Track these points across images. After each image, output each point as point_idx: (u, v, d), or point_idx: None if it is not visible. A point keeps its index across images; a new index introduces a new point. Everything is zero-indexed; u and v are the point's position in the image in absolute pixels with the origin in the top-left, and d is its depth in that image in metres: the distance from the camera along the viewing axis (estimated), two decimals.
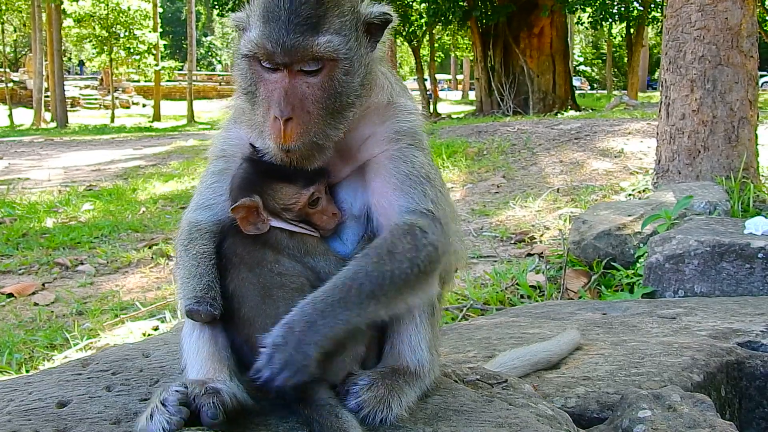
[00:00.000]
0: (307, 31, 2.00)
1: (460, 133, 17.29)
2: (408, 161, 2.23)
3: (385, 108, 2.29)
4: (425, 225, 2.14)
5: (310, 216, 2.26)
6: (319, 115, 2.08)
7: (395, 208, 2.18)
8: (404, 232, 2.11)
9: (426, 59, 40.12)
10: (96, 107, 55.46)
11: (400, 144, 2.25)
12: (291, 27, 2.00)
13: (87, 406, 2.20)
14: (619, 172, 12.07)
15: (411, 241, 2.09)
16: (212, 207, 2.31)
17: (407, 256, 2.07)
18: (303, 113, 2.05)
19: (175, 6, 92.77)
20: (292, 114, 2.03)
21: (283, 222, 2.24)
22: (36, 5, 41.66)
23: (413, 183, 2.20)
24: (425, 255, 2.10)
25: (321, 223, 2.27)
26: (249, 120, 2.23)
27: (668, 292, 5.27)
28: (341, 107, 2.12)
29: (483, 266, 7.42)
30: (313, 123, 2.08)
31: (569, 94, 29.77)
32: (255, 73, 2.11)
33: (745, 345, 3.40)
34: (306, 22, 2.00)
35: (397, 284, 2.05)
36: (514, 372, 2.89)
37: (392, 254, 2.06)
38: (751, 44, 8.02)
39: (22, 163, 20.61)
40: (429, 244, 2.11)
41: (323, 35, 2.02)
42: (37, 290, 7.55)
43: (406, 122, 2.29)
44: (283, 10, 2.01)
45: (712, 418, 2.36)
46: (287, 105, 2.03)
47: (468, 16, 29.31)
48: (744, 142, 8.01)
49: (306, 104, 2.06)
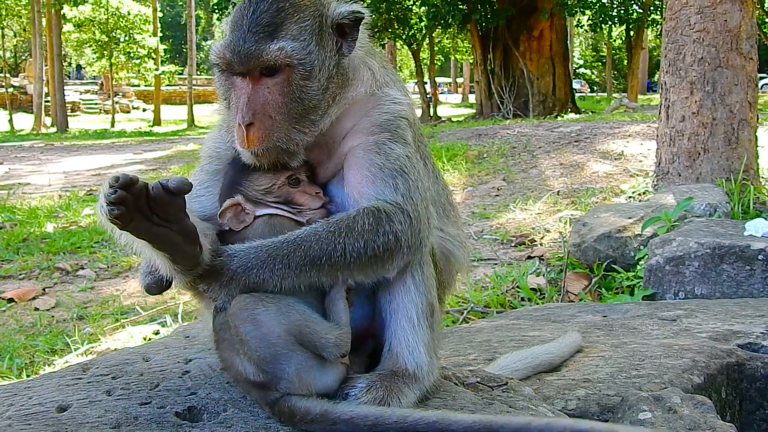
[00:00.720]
0: (262, 39, 2.08)
1: (460, 136, 17.30)
2: (382, 153, 2.23)
3: (367, 100, 2.30)
4: (391, 212, 2.15)
5: (293, 195, 2.28)
6: (282, 120, 2.14)
7: (364, 197, 2.19)
8: (368, 213, 2.13)
9: (426, 62, 40.13)
10: (96, 112, 55.51)
11: (377, 136, 2.26)
12: (248, 36, 2.08)
13: (87, 411, 2.20)
14: (620, 174, 12.07)
15: (373, 223, 2.11)
16: (203, 203, 2.33)
17: (366, 236, 2.10)
18: (265, 118, 2.12)
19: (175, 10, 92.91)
20: (253, 119, 2.11)
21: (266, 208, 2.26)
22: (36, 10, 41.70)
23: (385, 176, 2.20)
24: (384, 241, 2.12)
25: (305, 202, 2.29)
26: (227, 124, 2.31)
27: (669, 294, 5.27)
28: (304, 111, 2.17)
29: (483, 269, 7.42)
30: (275, 127, 2.13)
31: (569, 97, 29.78)
32: (225, 79, 2.20)
33: (745, 347, 3.39)
34: (263, 31, 2.08)
35: (347, 260, 2.08)
36: (515, 375, 2.89)
37: (350, 230, 2.09)
38: (750, 46, 8.03)
39: (22, 168, 20.61)
40: (390, 231, 2.13)
41: (276, 42, 2.08)
42: (37, 295, 7.54)
43: (386, 113, 2.30)
44: (245, 19, 2.09)
45: (713, 420, 2.35)
46: (248, 110, 2.11)
47: (468, 19, 29.33)
48: (744, 144, 8.02)
49: (267, 109, 2.13)
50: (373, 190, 2.19)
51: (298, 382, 2.05)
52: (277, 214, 2.26)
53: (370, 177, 2.21)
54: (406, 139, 2.31)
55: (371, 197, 2.18)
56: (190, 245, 1.97)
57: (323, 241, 2.06)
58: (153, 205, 1.84)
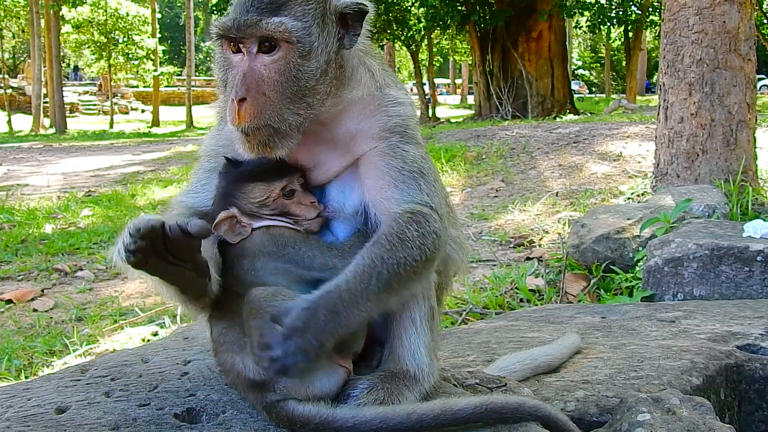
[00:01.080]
0: (263, 11, 2.06)
1: (459, 137, 17.31)
2: (399, 157, 2.23)
3: (370, 101, 2.29)
4: (427, 213, 2.17)
5: (288, 207, 2.28)
6: (275, 97, 2.11)
7: (392, 201, 2.19)
8: (410, 219, 2.13)
9: (424, 63, 40.15)
10: (95, 113, 55.52)
11: (389, 140, 2.25)
12: (251, 8, 2.07)
13: (86, 412, 2.20)
14: (618, 175, 12.08)
15: (418, 228, 2.12)
16: (201, 200, 2.36)
17: (417, 243, 2.10)
18: (258, 95, 2.09)
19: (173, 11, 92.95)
20: (246, 94, 2.07)
21: (262, 220, 2.27)
22: (34, 11, 41.67)
23: (406, 178, 2.21)
24: (431, 242, 2.13)
25: (300, 213, 2.28)
26: (223, 110, 2.27)
27: (667, 296, 5.27)
28: (299, 92, 2.13)
29: (482, 270, 7.41)
30: (268, 105, 2.10)
31: (568, 98, 29.79)
32: (223, 58, 2.19)
33: (744, 348, 3.39)
34: (267, 7, 2.07)
35: (409, 272, 2.08)
36: (514, 376, 2.89)
37: (403, 241, 2.08)
38: (749, 47, 8.03)
39: (21, 169, 20.59)
40: (433, 231, 2.15)
41: (278, 17, 2.07)
42: (36, 296, 7.53)
43: (394, 116, 2.29)
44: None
45: (712, 422, 2.35)
46: (242, 86, 2.07)
47: (466, 20, 29.34)
48: (742, 145, 8.03)
49: (262, 86, 2.10)
50: (399, 193, 2.19)
51: (299, 382, 2.04)
52: (274, 225, 2.27)
53: (391, 181, 2.20)
54: (417, 139, 2.33)
55: (399, 200, 2.19)
56: (201, 278, 2.02)
57: (387, 261, 2.04)
58: (170, 246, 1.89)
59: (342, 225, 2.33)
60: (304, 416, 2.03)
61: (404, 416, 2.01)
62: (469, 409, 2.08)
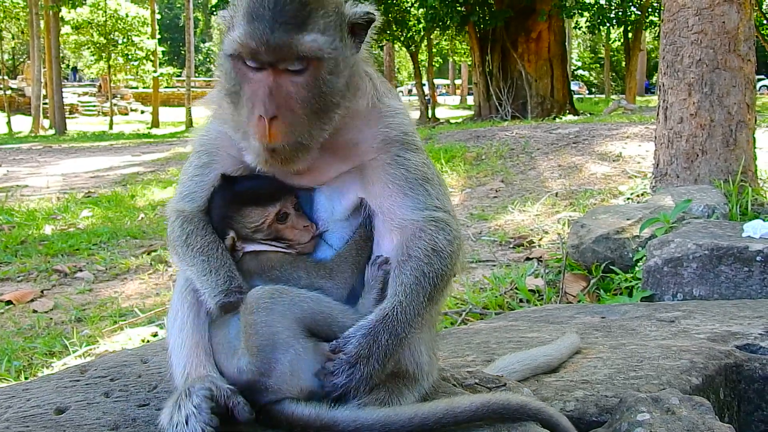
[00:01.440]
0: (292, 29, 1.98)
1: (459, 137, 17.32)
2: (402, 166, 2.24)
3: (370, 111, 2.28)
4: (447, 219, 2.23)
5: (281, 232, 2.28)
6: (304, 114, 2.07)
7: (405, 209, 2.21)
8: (436, 228, 2.19)
9: (424, 64, 40.13)
10: (94, 114, 55.49)
11: (391, 151, 2.25)
12: (276, 25, 1.97)
13: (85, 413, 2.20)
14: (618, 176, 12.08)
15: (446, 237, 2.19)
16: (196, 199, 2.34)
17: (447, 251, 2.17)
18: (288, 112, 2.04)
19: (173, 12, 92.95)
20: (277, 113, 2.01)
21: (256, 244, 2.28)
22: (34, 12, 41.66)
23: (414, 185, 2.23)
24: (457, 246, 2.22)
25: (294, 237, 2.29)
26: (233, 121, 2.19)
27: (667, 296, 5.27)
28: (326, 107, 2.11)
29: (482, 271, 7.41)
30: (298, 122, 2.06)
31: (567, 99, 29.79)
32: (239, 72, 2.08)
33: (743, 348, 3.39)
34: (291, 21, 1.99)
35: (446, 280, 2.18)
36: (514, 376, 2.89)
37: (437, 252, 2.15)
38: (748, 48, 8.04)
39: (20, 170, 20.59)
40: (457, 237, 2.23)
41: (308, 34, 2.00)
42: (35, 297, 7.53)
43: (395, 127, 2.29)
44: (267, 9, 1.99)
45: (711, 421, 2.35)
46: (272, 104, 2.01)
47: (466, 21, 29.34)
48: (742, 145, 8.03)
49: (291, 103, 2.04)
50: (410, 201, 2.22)
51: (290, 377, 2.04)
52: (264, 250, 2.28)
53: (399, 190, 2.22)
54: (417, 146, 2.32)
55: (413, 208, 2.21)
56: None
57: (429, 275, 2.12)
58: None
59: (332, 231, 2.33)
60: (303, 419, 2.02)
61: (407, 419, 2.01)
62: (472, 411, 2.08)
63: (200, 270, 2.20)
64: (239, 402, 2.03)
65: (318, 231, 2.31)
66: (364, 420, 2.00)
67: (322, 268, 2.25)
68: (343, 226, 2.31)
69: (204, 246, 2.24)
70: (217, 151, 2.34)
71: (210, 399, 2.01)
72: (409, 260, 2.14)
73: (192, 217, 2.31)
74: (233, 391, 2.05)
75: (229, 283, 2.14)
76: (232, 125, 2.20)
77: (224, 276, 2.16)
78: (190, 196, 2.35)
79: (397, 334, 2.04)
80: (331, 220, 2.32)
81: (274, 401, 2.05)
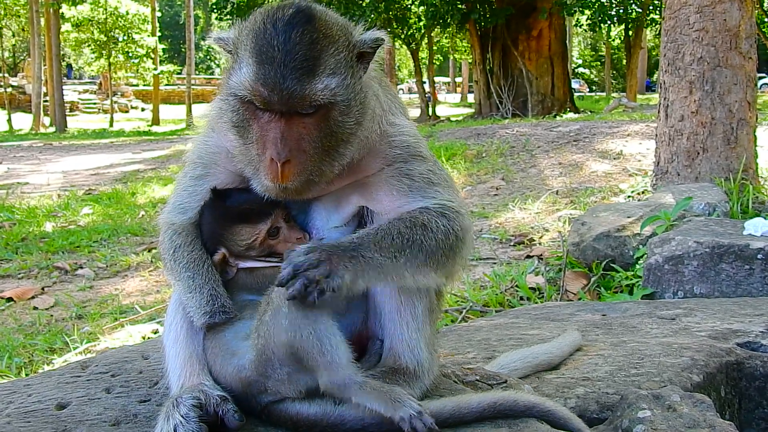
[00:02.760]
0: (303, 76, 1.96)
1: (459, 135, 17.31)
2: (407, 176, 2.25)
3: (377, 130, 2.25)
4: (456, 207, 2.24)
5: (274, 247, 2.29)
6: (316, 154, 2.06)
7: (412, 205, 2.22)
8: (438, 213, 2.20)
9: (425, 62, 40.09)
10: (95, 111, 55.45)
11: (395, 165, 2.26)
12: (287, 72, 1.94)
13: (86, 408, 2.20)
14: (618, 173, 12.08)
15: (446, 223, 2.18)
16: (187, 211, 2.33)
17: (442, 229, 2.17)
18: (300, 153, 2.03)
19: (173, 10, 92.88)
20: (289, 156, 2.01)
21: (249, 261, 2.29)
22: (34, 10, 41.62)
23: (420, 188, 2.24)
24: (459, 232, 2.21)
25: (287, 251, 2.28)
26: (241, 153, 2.16)
27: (668, 294, 5.27)
28: (337, 145, 2.10)
29: (482, 268, 7.42)
30: (309, 162, 2.06)
31: (568, 97, 29.79)
32: (248, 111, 2.05)
33: (744, 345, 3.40)
34: (302, 66, 1.96)
35: (427, 251, 2.13)
36: (514, 373, 2.89)
37: (426, 227, 2.15)
38: (749, 45, 8.03)
39: (21, 167, 20.59)
40: (463, 228, 2.23)
41: (320, 79, 1.98)
42: (36, 294, 7.54)
43: (397, 144, 2.28)
44: (277, 52, 1.95)
45: (712, 418, 2.35)
46: (284, 147, 2.00)
47: (466, 18, 29.33)
48: (743, 143, 8.02)
49: (303, 144, 2.03)
50: (419, 198, 2.23)
51: (288, 382, 2.04)
52: (258, 267, 2.28)
53: (406, 191, 2.23)
54: (423, 156, 2.32)
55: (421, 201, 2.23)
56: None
57: (404, 234, 2.11)
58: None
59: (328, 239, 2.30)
60: (309, 419, 2.02)
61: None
62: (479, 411, 2.09)
63: (185, 287, 2.22)
64: (228, 409, 2.03)
65: (309, 240, 2.30)
66: (372, 419, 2.00)
67: None
68: (339, 232, 2.32)
69: (190, 262, 2.25)
70: (213, 164, 2.32)
71: (198, 407, 2.01)
72: (394, 219, 2.16)
73: (181, 231, 2.32)
74: (223, 398, 2.06)
75: (212, 304, 2.16)
76: (240, 157, 2.17)
77: (207, 295, 2.17)
78: (181, 208, 2.34)
79: (353, 250, 2.04)
80: (327, 228, 2.32)
81: (275, 401, 2.05)
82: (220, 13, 32.40)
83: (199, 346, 2.21)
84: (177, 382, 2.18)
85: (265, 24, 2.01)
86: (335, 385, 1.98)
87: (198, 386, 2.10)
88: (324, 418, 2.01)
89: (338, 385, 1.98)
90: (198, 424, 1.98)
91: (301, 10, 2.01)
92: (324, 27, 2.02)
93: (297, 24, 1.98)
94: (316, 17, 2.02)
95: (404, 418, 1.92)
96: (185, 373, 2.17)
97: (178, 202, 2.35)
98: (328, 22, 2.05)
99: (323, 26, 2.02)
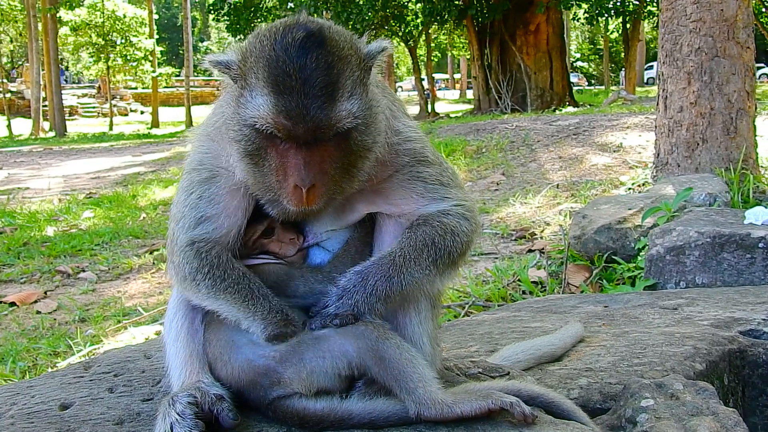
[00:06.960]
0: (325, 104, 1.91)
1: (459, 131, 17.31)
2: (418, 179, 2.28)
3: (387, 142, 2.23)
4: (471, 206, 2.33)
5: (267, 246, 2.30)
6: (338, 174, 2.04)
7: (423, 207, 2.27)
8: (460, 216, 2.27)
9: (423, 59, 40.11)
10: (94, 115, 55.50)
11: (403, 171, 2.28)
12: (308, 101, 1.89)
13: (90, 408, 2.21)
14: (619, 166, 12.07)
15: (468, 226, 2.27)
16: (212, 219, 2.20)
17: (466, 232, 2.27)
18: (323, 176, 2.00)
19: (170, 12, 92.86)
20: (314, 181, 1.97)
21: (246, 259, 2.29)
22: (32, 15, 41.64)
23: (430, 190, 2.29)
24: (471, 238, 2.31)
25: (279, 251, 2.31)
26: (255, 181, 2.09)
27: (669, 284, 5.27)
28: (358, 162, 2.08)
29: (484, 263, 7.42)
30: (332, 183, 2.04)
31: (567, 91, 29.75)
32: (265, 140, 1.99)
33: (747, 333, 3.40)
34: (322, 93, 1.91)
35: (455, 257, 2.24)
36: (517, 365, 2.89)
37: (455, 234, 2.23)
38: (747, 35, 8.01)
39: (21, 172, 20.61)
40: (475, 230, 2.32)
41: (341, 105, 1.94)
42: (39, 298, 7.55)
43: (404, 152, 2.28)
44: (295, 81, 1.89)
45: (715, 406, 2.35)
46: (309, 173, 1.96)
47: (464, 14, 29.30)
48: (742, 133, 8.01)
49: (324, 167, 1.99)
50: (429, 199, 2.28)
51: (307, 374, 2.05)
52: (256, 264, 2.29)
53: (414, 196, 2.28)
54: (429, 160, 2.33)
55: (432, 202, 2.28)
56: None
57: (438, 244, 2.20)
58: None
59: (330, 240, 2.34)
60: (316, 414, 2.02)
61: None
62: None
63: (241, 306, 2.13)
64: (223, 408, 2.04)
65: (306, 243, 2.32)
66: (379, 412, 2.00)
67: (318, 272, 2.26)
68: (335, 235, 2.33)
69: (240, 279, 2.17)
70: (217, 166, 2.23)
71: (194, 405, 2.02)
72: (423, 225, 2.22)
73: (211, 248, 2.20)
74: (219, 397, 2.06)
75: (280, 315, 2.12)
76: (254, 184, 2.10)
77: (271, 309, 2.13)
78: (200, 219, 2.21)
79: (389, 277, 2.11)
80: (323, 231, 2.33)
81: (283, 396, 2.05)
82: (217, 14, 32.40)
83: (200, 344, 2.21)
84: (178, 380, 2.18)
85: (275, 50, 1.93)
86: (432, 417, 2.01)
87: (195, 384, 2.11)
88: (331, 413, 2.02)
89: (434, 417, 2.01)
90: (194, 422, 1.99)
91: (311, 33, 1.94)
92: (336, 48, 1.97)
93: (310, 48, 1.91)
94: (326, 39, 1.96)
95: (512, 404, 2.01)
96: (186, 371, 2.17)
97: (199, 214, 2.21)
98: (339, 42, 1.99)
99: (335, 47, 1.97)
